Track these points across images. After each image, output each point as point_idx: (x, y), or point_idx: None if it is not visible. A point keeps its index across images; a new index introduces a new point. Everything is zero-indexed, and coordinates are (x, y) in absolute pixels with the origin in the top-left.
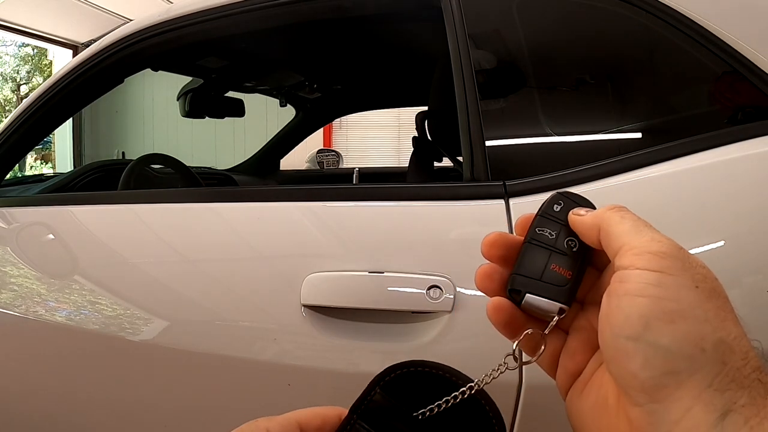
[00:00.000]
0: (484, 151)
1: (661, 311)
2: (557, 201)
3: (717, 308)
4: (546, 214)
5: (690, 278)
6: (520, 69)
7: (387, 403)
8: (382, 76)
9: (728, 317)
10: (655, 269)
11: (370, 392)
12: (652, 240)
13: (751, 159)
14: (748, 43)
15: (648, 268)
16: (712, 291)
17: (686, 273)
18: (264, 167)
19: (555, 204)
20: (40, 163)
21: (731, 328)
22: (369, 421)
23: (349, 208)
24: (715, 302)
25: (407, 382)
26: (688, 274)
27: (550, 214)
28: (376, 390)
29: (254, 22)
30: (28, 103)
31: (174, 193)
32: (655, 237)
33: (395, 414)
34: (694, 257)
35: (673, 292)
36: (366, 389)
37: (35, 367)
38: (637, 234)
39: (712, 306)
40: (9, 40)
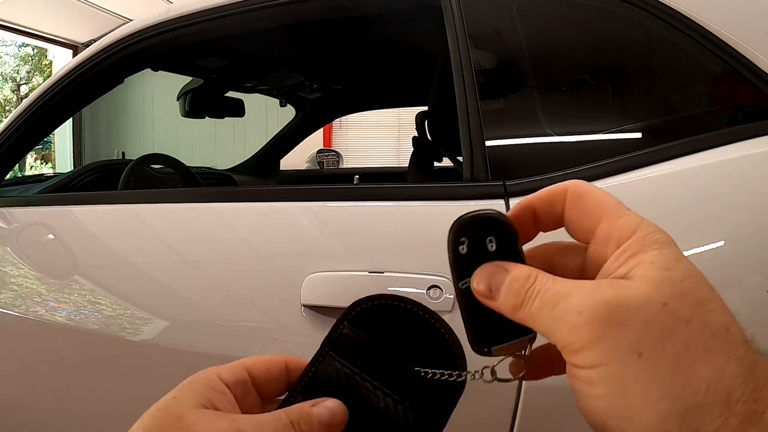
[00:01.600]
0: (484, 151)
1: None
2: (460, 241)
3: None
4: (458, 261)
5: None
6: (520, 69)
7: (356, 336)
8: (382, 76)
9: (696, 361)
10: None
11: (339, 326)
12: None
13: (751, 159)
14: (748, 43)
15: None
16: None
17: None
18: (264, 167)
19: (459, 246)
20: (40, 163)
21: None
22: (340, 354)
23: (349, 208)
24: (672, 349)
25: (374, 315)
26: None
27: (460, 258)
28: (344, 324)
29: (254, 22)
30: (28, 103)
31: (174, 193)
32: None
33: (364, 347)
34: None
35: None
36: (335, 324)
37: (35, 367)
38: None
39: (665, 365)
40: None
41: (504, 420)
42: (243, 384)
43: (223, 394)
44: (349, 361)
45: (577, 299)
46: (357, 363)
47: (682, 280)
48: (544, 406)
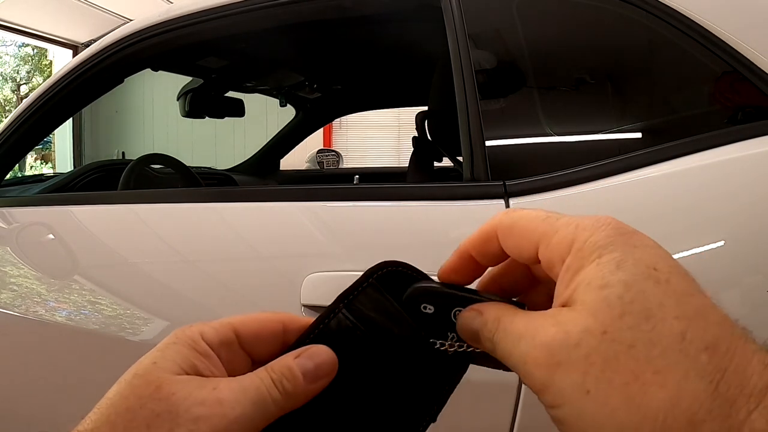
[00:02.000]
0: (484, 151)
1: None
2: (423, 306)
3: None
4: (423, 322)
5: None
6: (520, 69)
7: (378, 297)
8: (382, 76)
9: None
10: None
11: (362, 284)
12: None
13: (751, 159)
14: (748, 43)
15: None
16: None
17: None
18: (264, 167)
19: (424, 308)
20: (40, 163)
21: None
22: (354, 313)
23: (349, 208)
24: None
25: (394, 281)
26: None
27: (427, 319)
28: (368, 281)
29: (254, 22)
30: (28, 103)
31: (174, 193)
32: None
33: (383, 309)
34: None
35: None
36: (357, 282)
37: (35, 367)
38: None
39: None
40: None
41: (504, 421)
42: (229, 345)
43: (207, 356)
44: (362, 323)
45: (525, 345)
46: (369, 325)
47: (622, 296)
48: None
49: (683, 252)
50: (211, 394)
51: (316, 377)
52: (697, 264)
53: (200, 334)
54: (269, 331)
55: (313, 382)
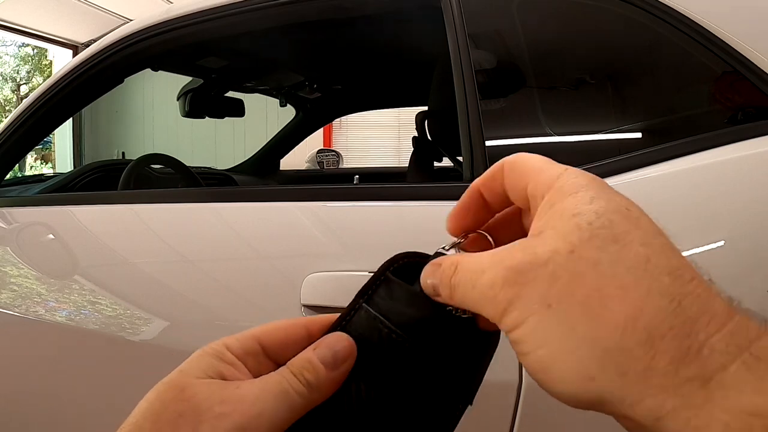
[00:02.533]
0: (484, 151)
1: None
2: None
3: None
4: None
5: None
6: (520, 69)
7: (397, 287)
8: (382, 76)
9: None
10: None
11: (380, 277)
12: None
13: (751, 159)
14: (748, 43)
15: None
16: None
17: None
18: (264, 167)
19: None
20: (40, 163)
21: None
22: (373, 306)
23: (349, 208)
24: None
25: (411, 271)
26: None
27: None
28: (385, 274)
29: (254, 22)
30: (28, 103)
31: (174, 193)
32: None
33: (403, 297)
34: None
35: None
36: (373, 276)
37: (35, 367)
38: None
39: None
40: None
41: (504, 420)
42: (254, 355)
43: (233, 364)
44: (383, 314)
45: (490, 273)
46: (391, 315)
47: (592, 222)
48: (544, 406)
49: (683, 252)
50: (233, 392)
51: (336, 364)
52: (696, 264)
53: (225, 345)
54: (294, 338)
55: (334, 369)
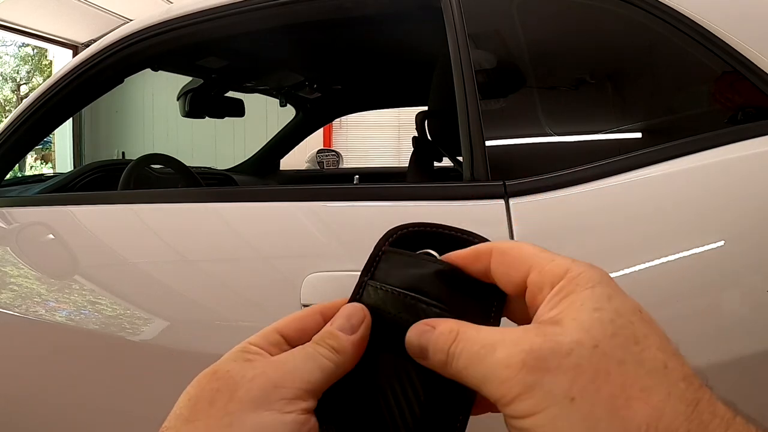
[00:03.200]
0: (484, 151)
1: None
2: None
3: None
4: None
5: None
6: (520, 69)
7: (398, 255)
8: (382, 76)
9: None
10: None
11: (378, 253)
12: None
13: (751, 159)
14: (748, 43)
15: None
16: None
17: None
18: (264, 167)
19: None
20: (40, 163)
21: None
22: (379, 280)
23: (349, 208)
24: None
25: (411, 243)
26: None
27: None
28: (382, 250)
29: (254, 22)
30: (28, 103)
31: (174, 193)
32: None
33: (403, 264)
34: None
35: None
36: (372, 253)
37: (35, 368)
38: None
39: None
40: (9, 40)
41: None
42: (278, 345)
43: (260, 354)
44: (390, 282)
45: (504, 351)
46: (398, 281)
47: (614, 320)
48: None
49: (683, 252)
50: (263, 363)
51: (353, 328)
52: (697, 264)
53: (248, 342)
54: (311, 324)
55: (352, 332)
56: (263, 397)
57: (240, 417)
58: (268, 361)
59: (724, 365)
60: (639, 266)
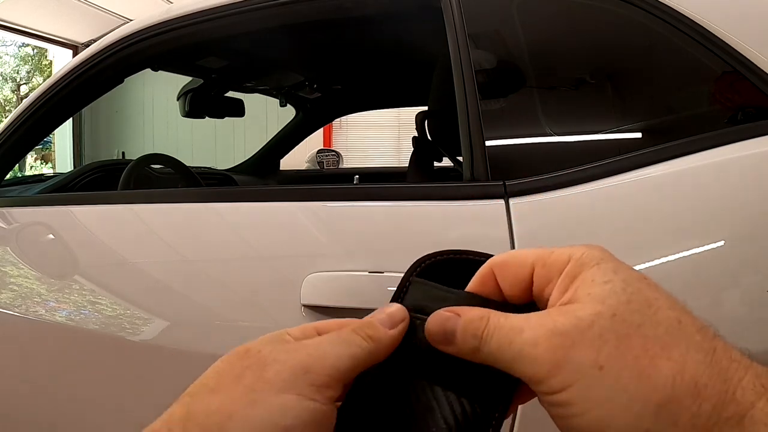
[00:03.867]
0: (484, 151)
1: None
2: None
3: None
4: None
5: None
6: (520, 69)
7: (424, 286)
8: (382, 76)
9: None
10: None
11: (406, 282)
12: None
13: (751, 159)
14: (748, 43)
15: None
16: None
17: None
18: (264, 167)
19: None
20: (40, 163)
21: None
22: (409, 303)
23: (349, 208)
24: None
25: (441, 271)
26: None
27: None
28: (409, 280)
29: (254, 22)
30: (28, 103)
31: (174, 193)
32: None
33: (434, 294)
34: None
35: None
36: (401, 282)
37: (35, 368)
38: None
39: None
40: (9, 40)
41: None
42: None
43: (292, 341)
44: (418, 311)
45: (531, 332)
46: (425, 311)
47: (625, 288)
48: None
49: (683, 252)
50: (296, 344)
51: (393, 323)
52: (697, 264)
53: (285, 331)
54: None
55: (391, 327)
56: (292, 380)
57: (265, 396)
58: (301, 344)
59: None
60: (639, 266)
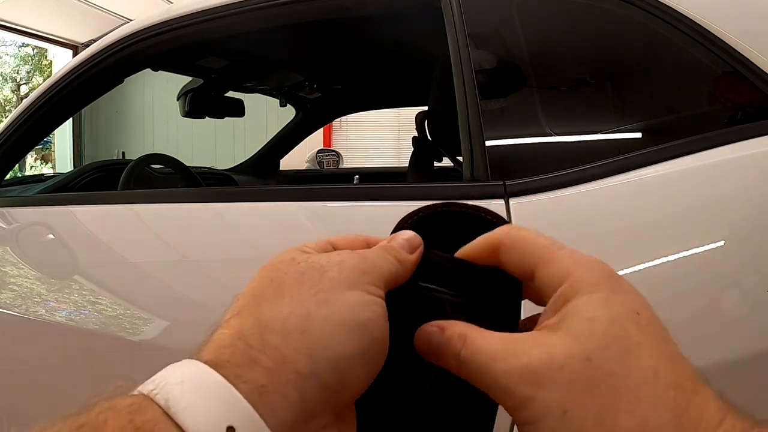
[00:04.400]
0: (484, 151)
1: None
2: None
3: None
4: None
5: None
6: (520, 69)
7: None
8: (382, 76)
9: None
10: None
11: (421, 217)
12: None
13: (751, 159)
14: (748, 43)
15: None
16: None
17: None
18: (264, 167)
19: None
20: (40, 163)
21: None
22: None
23: (349, 208)
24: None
25: (434, 225)
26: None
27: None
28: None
29: (254, 22)
30: (28, 103)
31: (174, 193)
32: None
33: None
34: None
35: None
36: (412, 215)
37: (35, 368)
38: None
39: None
40: (9, 40)
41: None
42: (327, 251)
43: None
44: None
45: (504, 364)
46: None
47: (606, 330)
48: None
49: (683, 252)
50: (345, 252)
51: (411, 248)
52: (697, 264)
53: (304, 244)
54: (359, 246)
55: (411, 252)
56: (354, 278)
57: (334, 294)
58: (351, 252)
59: (724, 365)
60: (639, 266)
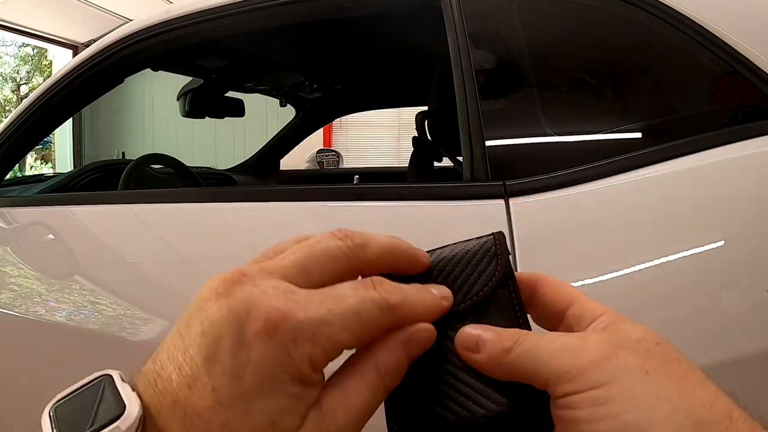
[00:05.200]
0: (484, 151)
1: None
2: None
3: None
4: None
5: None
6: (520, 69)
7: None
8: (382, 76)
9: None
10: None
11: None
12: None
13: (751, 159)
14: (748, 43)
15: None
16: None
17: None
18: (264, 167)
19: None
20: (40, 163)
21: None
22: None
23: (349, 208)
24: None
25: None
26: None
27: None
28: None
29: (254, 22)
30: (28, 103)
31: (174, 193)
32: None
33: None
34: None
35: None
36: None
37: (35, 368)
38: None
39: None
40: (9, 40)
41: None
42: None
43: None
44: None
45: (567, 338)
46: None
47: (658, 342)
48: None
49: (683, 252)
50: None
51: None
52: (697, 264)
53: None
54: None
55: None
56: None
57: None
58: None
59: (724, 365)
60: (639, 266)
